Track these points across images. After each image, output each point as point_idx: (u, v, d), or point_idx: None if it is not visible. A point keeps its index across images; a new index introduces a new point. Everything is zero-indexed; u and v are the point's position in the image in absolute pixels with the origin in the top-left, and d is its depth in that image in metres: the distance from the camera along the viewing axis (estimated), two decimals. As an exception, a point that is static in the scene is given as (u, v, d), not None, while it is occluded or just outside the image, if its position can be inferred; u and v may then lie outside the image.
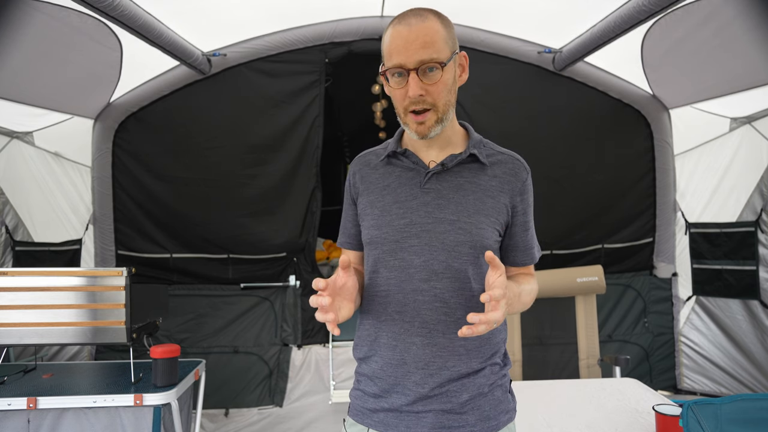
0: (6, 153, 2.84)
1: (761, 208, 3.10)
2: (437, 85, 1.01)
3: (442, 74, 1.01)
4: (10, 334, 2.06)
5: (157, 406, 1.96)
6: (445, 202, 1.07)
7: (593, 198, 3.56)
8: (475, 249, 1.06)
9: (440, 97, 1.03)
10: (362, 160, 1.21)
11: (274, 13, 3.04)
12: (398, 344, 1.08)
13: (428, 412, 1.06)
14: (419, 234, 1.07)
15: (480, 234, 1.06)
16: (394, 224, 1.09)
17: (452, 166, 1.10)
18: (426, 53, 0.99)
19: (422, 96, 1.01)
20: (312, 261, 3.54)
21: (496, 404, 1.10)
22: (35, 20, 2.23)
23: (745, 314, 3.21)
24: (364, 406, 1.13)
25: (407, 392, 1.07)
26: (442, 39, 1.01)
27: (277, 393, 3.38)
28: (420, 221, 1.07)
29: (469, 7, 3.05)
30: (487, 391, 1.09)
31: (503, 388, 1.13)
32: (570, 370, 2.82)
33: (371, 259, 1.14)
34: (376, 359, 1.11)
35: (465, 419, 1.06)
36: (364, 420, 1.12)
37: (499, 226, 1.09)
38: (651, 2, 2.24)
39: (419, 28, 0.99)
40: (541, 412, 1.85)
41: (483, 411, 1.08)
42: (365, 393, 1.13)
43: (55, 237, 3.16)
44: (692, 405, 1.28)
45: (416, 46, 0.99)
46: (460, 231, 1.05)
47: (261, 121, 3.36)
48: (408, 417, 1.07)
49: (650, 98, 3.42)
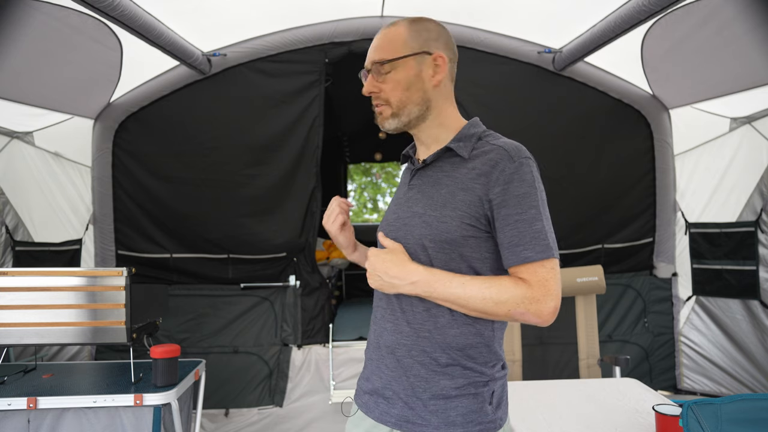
0: (6, 153, 2.84)
1: (761, 208, 3.10)
2: (387, 83, 1.10)
3: (392, 72, 1.09)
4: (10, 334, 2.06)
5: (157, 406, 1.96)
6: (420, 196, 1.12)
7: (593, 198, 3.56)
8: (436, 243, 1.05)
9: (392, 94, 1.10)
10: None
11: (274, 13, 3.04)
12: (377, 328, 1.16)
13: (398, 400, 1.08)
14: (400, 227, 1.13)
15: (442, 227, 1.04)
16: (388, 219, 1.19)
17: (432, 161, 1.14)
18: (377, 54, 1.10)
19: (374, 92, 1.12)
20: (312, 261, 3.54)
21: (465, 413, 1.03)
22: (35, 20, 2.23)
23: (745, 314, 3.21)
24: (359, 387, 1.21)
25: (381, 375, 1.12)
26: (401, 41, 1.09)
27: (277, 393, 3.38)
28: (403, 215, 1.14)
29: (469, 7, 3.05)
30: (454, 395, 1.04)
31: (480, 398, 1.04)
32: (570, 370, 2.82)
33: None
34: (368, 342, 1.21)
35: (428, 419, 1.04)
36: (356, 399, 1.20)
37: (471, 219, 1.03)
38: (651, 2, 2.24)
39: (383, 33, 1.12)
40: (541, 412, 1.85)
41: (448, 416, 1.03)
42: (361, 376, 1.22)
43: (55, 237, 3.16)
44: (692, 405, 1.28)
45: (372, 48, 1.12)
46: (424, 224, 1.07)
47: (261, 121, 3.36)
48: (383, 403, 1.11)
49: (650, 98, 3.42)
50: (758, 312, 3.12)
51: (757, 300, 3.13)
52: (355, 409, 1.19)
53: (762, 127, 3.07)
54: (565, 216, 3.55)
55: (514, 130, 3.56)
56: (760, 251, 3.12)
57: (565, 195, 3.51)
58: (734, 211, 3.26)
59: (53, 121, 2.97)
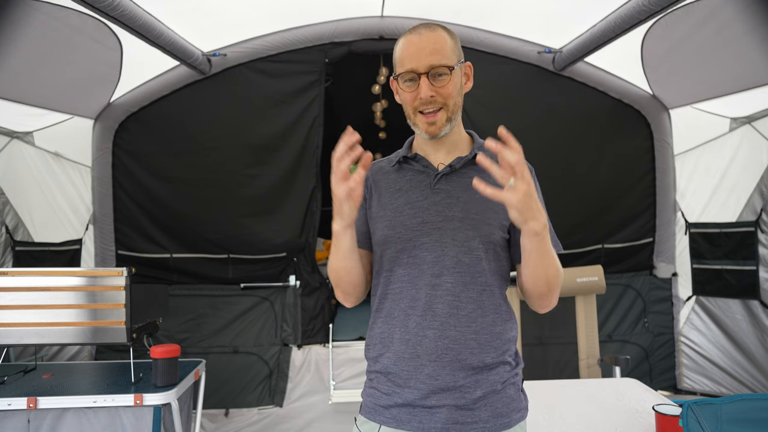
0: (6, 153, 2.85)
1: (761, 208, 3.10)
2: (446, 87, 1.11)
3: (450, 78, 1.11)
4: (10, 334, 2.06)
5: (157, 406, 1.96)
6: (454, 201, 1.14)
7: (593, 198, 3.56)
8: (485, 244, 1.12)
9: (450, 97, 1.12)
10: (375, 167, 1.27)
11: (274, 13, 3.04)
12: (411, 338, 1.11)
13: (441, 407, 1.08)
14: (431, 232, 1.12)
15: (488, 230, 1.12)
16: (406, 224, 1.14)
17: (459, 168, 1.17)
18: (435, 59, 1.09)
19: (433, 97, 1.10)
20: (312, 261, 3.54)
21: (509, 402, 1.12)
22: (35, 20, 2.23)
23: (745, 314, 3.21)
24: (377, 403, 1.15)
25: (420, 386, 1.09)
26: (450, 47, 1.12)
27: (277, 393, 3.38)
28: (431, 220, 1.13)
29: (470, 7, 3.05)
30: (500, 388, 1.11)
31: (516, 387, 1.15)
32: (570, 370, 2.82)
33: (385, 259, 1.17)
34: (389, 355, 1.13)
35: (478, 415, 1.08)
36: (375, 417, 1.14)
37: (506, 221, 1.12)
38: (651, 2, 2.24)
39: (429, 37, 1.11)
40: (541, 412, 1.85)
41: (495, 408, 1.10)
42: (378, 390, 1.15)
43: (55, 237, 3.16)
44: (692, 405, 1.28)
45: (426, 52, 1.09)
46: (470, 227, 1.11)
47: (261, 121, 3.36)
48: (421, 412, 1.09)
49: (650, 98, 3.42)
50: (758, 312, 3.12)
51: (757, 300, 3.13)
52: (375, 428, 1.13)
53: (762, 127, 3.07)
54: (565, 216, 3.54)
55: (514, 130, 3.54)
56: (760, 251, 3.12)
57: (565, 195, 3.51)
58: (734, 211, 3.26)
59: (53, 121, 2.97)
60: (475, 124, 3.38)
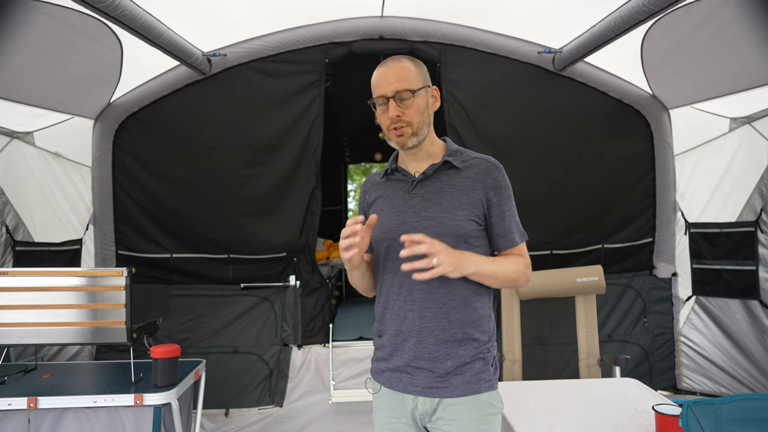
0: (6, 153, 2.85)
1: (761, 208, 3.10)
2: (410, 109, 1.34)
3: (413, 99, 1.34)
4: (10, 334, 2.06)
5: (158, 406, 1.96)
6: (428, 203, 1.36)
7: (593, 198, 3.56)
8: (454, 237, 1.32)
9: (413, 117, 1.34)
10: (369, 181, 1.54)
11: (274, 13, 3.04)
12: (396, 318, 1.37)
13: (420, 370, 1.33)
14: (409, 230, 1.33)
15: (457, 225, 1.33)
16: (391, 225, 1.39)
17: (432, 173, 1.39)
18: (400, 84, 1.33)
19: (399, 117, 1.33)
20: (312, 261, 3.54)
21: (477, 372, 1.34)
22: (35, 20, 2.23)
23: (745, 314, 3.21)
24: (378, 368, 1.43)
25: (404, 355, 1.35)
26: (414, 74, 1.35)
27: (277, 393, 3.38)
28: (409, 220, 1.36)
29: (469, 7, 3.05)
30: (468, 361, 1.34)
31: (485, 361, 1.36)
32: (570, 370, 2.82)
33: (378, 255, 1.43)
34: (384, 332, 1.41)
35: (449, 381, 1.33)
36: (378, 378, 1.43)
37: (476, 217, 1.35)
38: (651, 2, 2.24)
39: (396, 67, 1.34)
40: (541, 412, 1.85)
41: (465, 377, 1.33)
42: (378, 358, 1.44)
43: (55, 237, 3.16)
44: (692, 405, 1.28)
45: (392, 80, 1.33)
46: (440, 225, 1.33)
47: (261, 121, 3.36)
48: (405, 376, 1.36)
49: (650, 98, 3.42)
50: (758, 312, 3.12)
51: (756, 300, 3.13)
52: (378, 387, 1.43)
53: (762, 127, 3.07)
54: (565, 216, 3.55)
55: (515, 130, 3.60)
56: (759, 251, 3.13)
57: (565, 195, 3.51)
58: (734, 211, 3.26)
59: (53, 121, 2.97)
60: (475, 124, 3.38)
